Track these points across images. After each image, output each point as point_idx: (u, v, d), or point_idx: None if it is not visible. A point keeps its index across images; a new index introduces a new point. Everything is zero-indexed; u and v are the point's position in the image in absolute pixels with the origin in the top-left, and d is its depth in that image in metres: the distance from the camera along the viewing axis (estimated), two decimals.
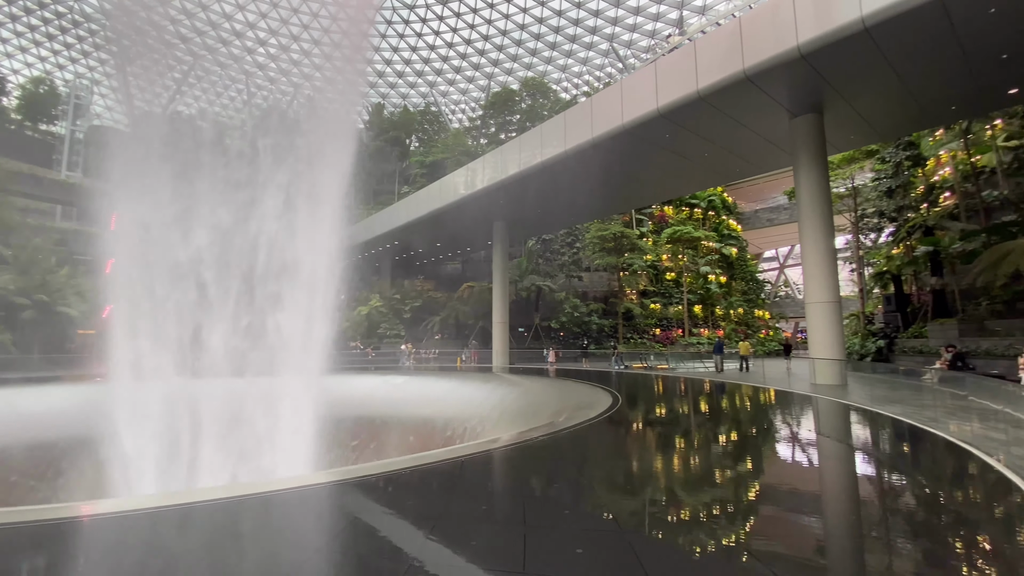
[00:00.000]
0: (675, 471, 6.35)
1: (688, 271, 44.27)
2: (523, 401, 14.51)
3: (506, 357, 30.53)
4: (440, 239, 37.42)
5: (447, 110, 72.95)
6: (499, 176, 24.73)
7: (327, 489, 5.02)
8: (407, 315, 43.47)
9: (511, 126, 56.12)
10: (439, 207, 29.70)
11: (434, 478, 5.46)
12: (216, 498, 4.61)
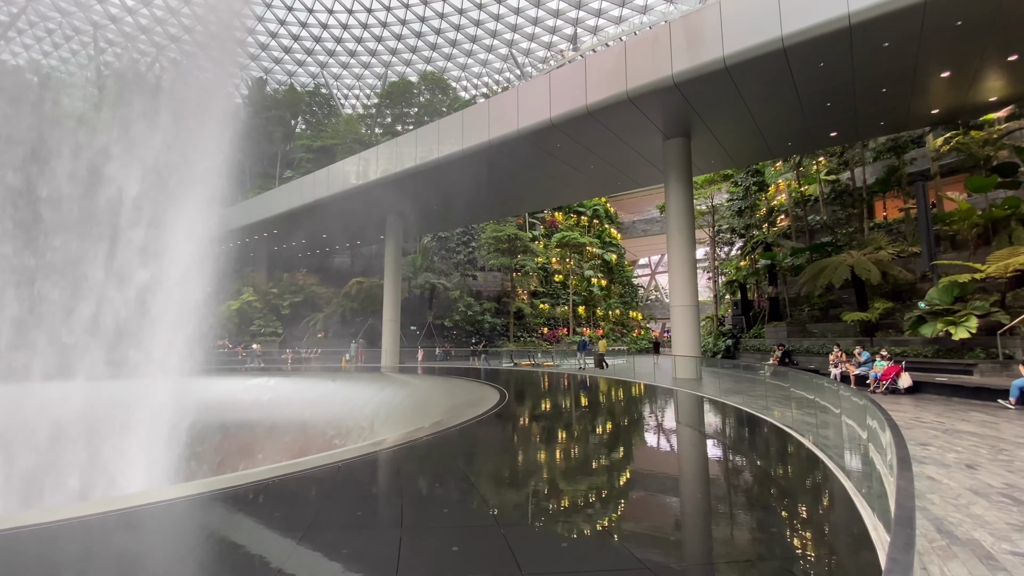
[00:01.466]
0: (555, 462, 6.71)
1: (574, 274, 46.90)
2: (412, 400, 14.25)
3: (396, 356, 29.70)
4: (327, 230, 35.15)
5: (339, 94, 68.88)
6: (394, 168, 23.98)
7: (183, 504, 4.47)
8: (285, 311, 40.22)
9: (408, 118, 54.69)
10: (327, 195, 27.93)
11: (309, 485, 5.14)
12: (43, 521, 3.86)
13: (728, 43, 13.74)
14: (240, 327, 38.14)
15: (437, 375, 20.30)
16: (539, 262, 46.03)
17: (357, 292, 39.30)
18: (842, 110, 16.73)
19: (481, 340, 37.55)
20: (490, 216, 36.43)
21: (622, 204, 60.07)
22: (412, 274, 41.05)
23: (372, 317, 38.84)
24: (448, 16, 58.50)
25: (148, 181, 12.85)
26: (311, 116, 59.98)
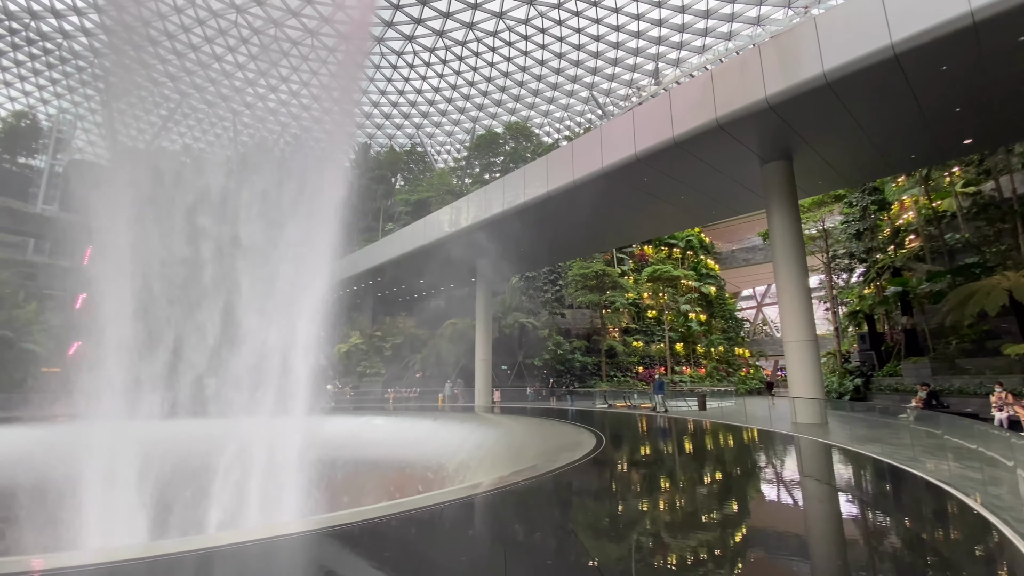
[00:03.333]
0: (661, 514, 6.24)
1: (669, 309, 44.87)
2: (505, 443, 14.23)
3: (489, 396, 30.08)
4: (424, 276, 37.42)
5: (432, 151, 74.60)
6: (483, 215, 25.11)
7: (301, 540, 4.79)
8: (388, 353, 42.79)
9: (495, 167, 57.48)
10: (423, 244, 29.88)
11: (412, 526, 5.26)
12: (182, 551, 4.35)
13: (828, 58, 12.88)
14: (348, 368, 41.18)
15: (528, 416, 20.14)
16: (630, 298, 44.79)
17: (451, 333, 40.85)
18: (975, 114, 14.71)
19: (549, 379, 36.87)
20: (576, 254, 36.47)
21: (719, 233, 57.12)
22: (502, 314, 41.90)
23: (466, 357, 39.96)
24: (530, 68, 61.60)
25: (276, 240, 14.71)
26: (408, 172, 65.39)
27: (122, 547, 7.58)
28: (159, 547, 4.62)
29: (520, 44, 58.13)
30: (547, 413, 20.92)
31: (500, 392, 31.21)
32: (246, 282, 15.06)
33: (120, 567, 4.00)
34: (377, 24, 57.28)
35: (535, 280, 42.88)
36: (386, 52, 63.80)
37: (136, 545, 7.49)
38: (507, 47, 58.84)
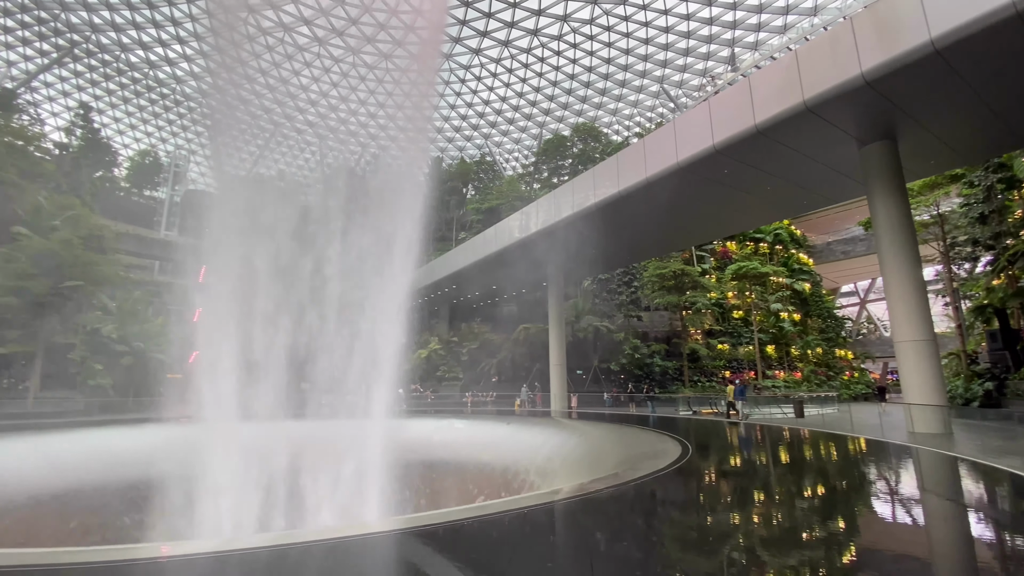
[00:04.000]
0: (757, 530, 5.81)
1: (757, 309, 41.97)
2: (584, 449, 14.02)
3: (564, 401, 29.86)
4: (496, 282, 38.09)
5: (501, 159, 75.93)
6: (553, 219, 25.08)
7: (391, 538, 5.01)
8: (464, 357, 43.93)
9: (563, 170, 57.30)
10: (494, 251, 30.42)
11: (496, 530, 5.32)
12: (284, 543, 4.74)
13: (936, 23, 11.44)
14: (428, 372, 42.82)
15: (607, 422, 19.69)
16: (712, 298, 42.50)
17: (525, 338, 41.13)
18: None
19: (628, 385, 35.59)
20: (651, 254, 35.29)
21: (811, 225, 52.65)
22: (575, 318, 41.47)
23: (540, 362, 40.00)
24: (596, 68, 60.82)
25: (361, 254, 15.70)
26: (479, 182, 67.03)
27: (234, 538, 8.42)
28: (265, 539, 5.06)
29: (585, 44, 57.62)
30: (626, 419, 20.35)
31: (577, 397, 30.86)
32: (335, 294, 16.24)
33: (224, 556, 4.42)
34: (445, 41, 59.50)
35: (608, 282, 42.01)
36: (454, 67, 66.04)
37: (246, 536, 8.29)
38: (572, 49, 58.58)
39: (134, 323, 33.16)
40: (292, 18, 57.41)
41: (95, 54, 59.36)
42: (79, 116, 56.44)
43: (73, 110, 58.35)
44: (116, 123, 66.42)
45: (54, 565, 4.24)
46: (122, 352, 31.40)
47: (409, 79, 65.37)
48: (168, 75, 65.45)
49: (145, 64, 63.04)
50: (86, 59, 59.44)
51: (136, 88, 65.44)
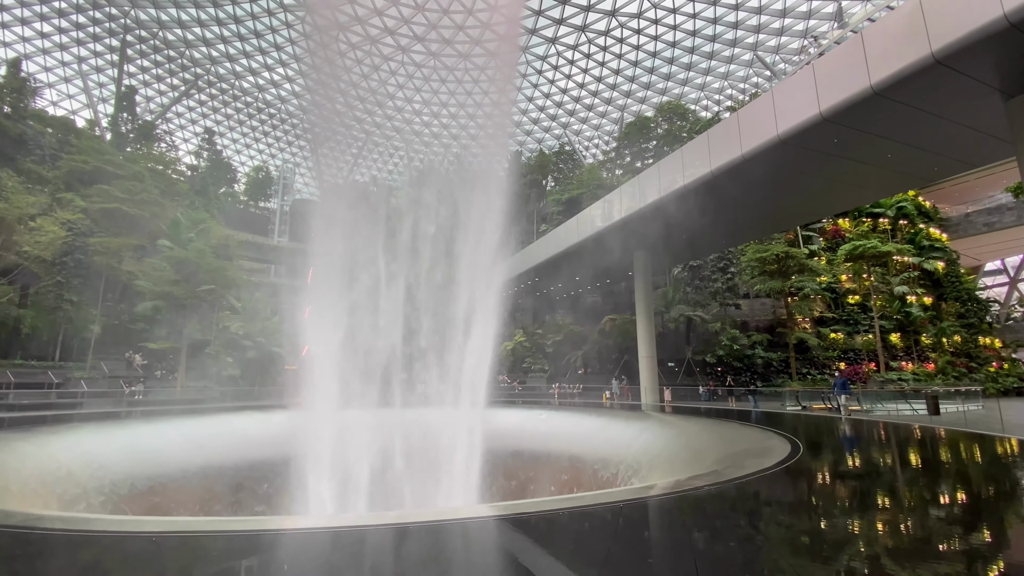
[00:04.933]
0: (880, 536, 5.13)
1: (877, 293, 37.38)
2: (680, 444, 13.39)
3: (656, 394, 28.80)
4: (579, 273, 37.56)
5: (581, 147, 74.60)
6: (637, 205, 24.15)
7: (487, 524, 5.12)
8: (549, 349, 44.03)
9: (647, 154, 54.96)
10: (577, 241, 29.99)
11: (588, 522, 5.22)
12: (388, 523, 5.03)
13: None
14: (514, 365, 43.54)
15: (703, 417, 18.65)
16: (823, 282, 38.55)
17: (611, 329, 40.23)
18: None
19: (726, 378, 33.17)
20: (750, 236, 32.73)
21: (944, 195, 45.76)
22: (665, 308, 39.76)
23: (627, 353, 38.93)
24: (681, 43, 57.40)
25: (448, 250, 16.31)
26: (558, 173, 66.43)
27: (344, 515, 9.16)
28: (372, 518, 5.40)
29: (668, 19, 54.61)
30: (725, 414, 19.14)
31: (670, 391, 29.60)
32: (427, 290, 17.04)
33: (337, 532, 4.77)
34: (521, 33, 59.52)
35: (701, 269, 39.64)
36: (531, 59, 65.94)
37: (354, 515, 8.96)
38: (653, 25, 55.81)
39: (256, 321, 37.32)
40: (377, 30, 60.72)
41: (215, 84, 67.32)
42: (205, 140, 64.40)
43: (200, 135, 66.66)
44: (234, 144, 74.85)
45: (199, 532, 4.86)
46: (247, 347, 35.50)
47: (487, 76, 66.48)
48: (274, 96, 72.48)
49: (255, 88, 70.33)
50: (208, 89, 67.61)
51: (248, 111, 73.30)
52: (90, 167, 37.54)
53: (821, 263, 39.67)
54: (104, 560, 4.25)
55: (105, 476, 12.04)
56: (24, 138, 41.75)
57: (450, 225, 16.79)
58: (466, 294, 14.59)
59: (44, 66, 53.94)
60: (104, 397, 28.30)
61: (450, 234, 16.72)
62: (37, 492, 9.69)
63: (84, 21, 53.64)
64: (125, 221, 35.00)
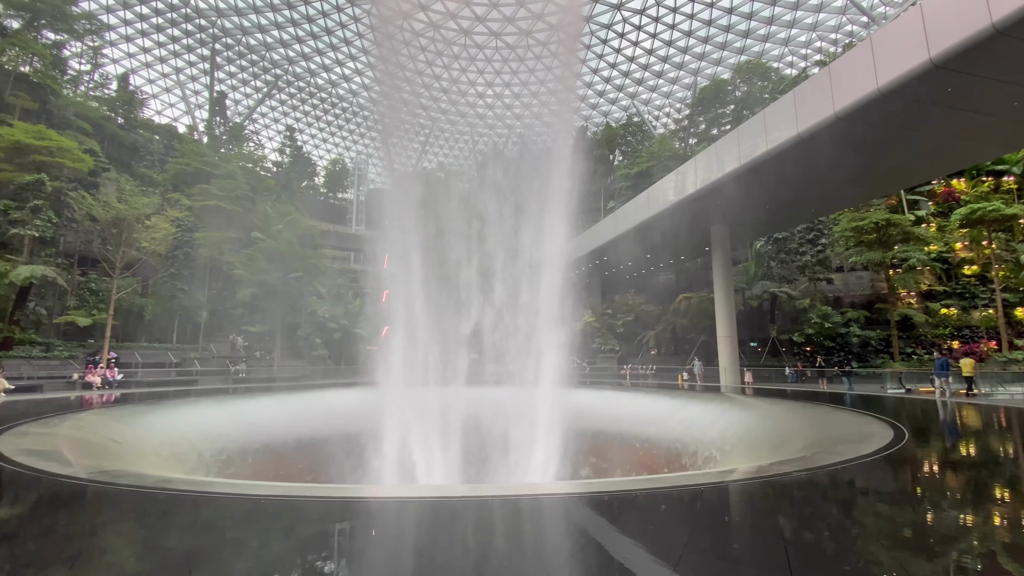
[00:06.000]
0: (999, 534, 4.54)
1: (1000, 262, 32.75)
2: (764, 427, 12.67)
3: (736, 375, 27.40)
4: (650, 250, 36.23)
5: (650, 118, 71.21)
6: (714, 175, 22.71)
7: (563, 500, 5.16)
8: (620, 330, 43.19)
9: (724, 119, 51.40)
10: (647, 217, 28.86)
11: (666, 504, 5.10)
12: (467, 495, 5.21)
13: None
14: (584, 345, 43.23)
15: (790, 400, 17.47)
16: (932, 251, 34.42)
17: (686, 308, 38.65)
18: None
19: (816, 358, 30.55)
20: (844, 204, 29.73)
21: None
22: (746, 284, 37.47)
23: (704, 333, 37.29)
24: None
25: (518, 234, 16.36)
26: (626, 146, 63.99)
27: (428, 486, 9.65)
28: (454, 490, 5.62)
29: None
30: (815, 397, 17.84)
31: (752, 372, 28.02)
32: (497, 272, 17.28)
33: (422, 501, 5.01)
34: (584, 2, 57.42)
35: (787, 242, 36.74)
36: (594, 28, 63.50)
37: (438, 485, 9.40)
38: None
39: (340, 305, 39.91)
40: (439, 15, 61.20)
41: (293, 83, 71.50)
42: (287, 137, 68.83)
43: (282, 133, 71.36)
44: (312, 139, 79.43)
45: (300, 496, 5.32)
46: (333, 329, 38.14)
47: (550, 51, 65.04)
48: (346, 90, 75.74)
49: (328, 84, 73.85)
50: (287, 88, 71.98)
51: (324, 107, 77.30)
52: (191, 168, 41.61)
53: (930, 230, 35.38)
54: (221, 518, 4.79)
55: (218, 444, 13.55)
56: (136, 146, 47.01)
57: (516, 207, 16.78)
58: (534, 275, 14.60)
59: (148, 78, 60.02)
60: (214, 375, 31.73)
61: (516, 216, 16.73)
62: (164, 457, 11.12)
63: (179, 34, 58.88)
64: (223, 216, 38.54)
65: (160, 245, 30.30)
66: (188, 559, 3.57)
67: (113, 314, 28.02)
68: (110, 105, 48.56)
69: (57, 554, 3.62)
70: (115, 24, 53.41)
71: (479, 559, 3.71)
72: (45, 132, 27.86)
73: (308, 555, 3.82)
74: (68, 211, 29.64)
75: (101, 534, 4.24)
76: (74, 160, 28.85)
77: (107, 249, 29.06)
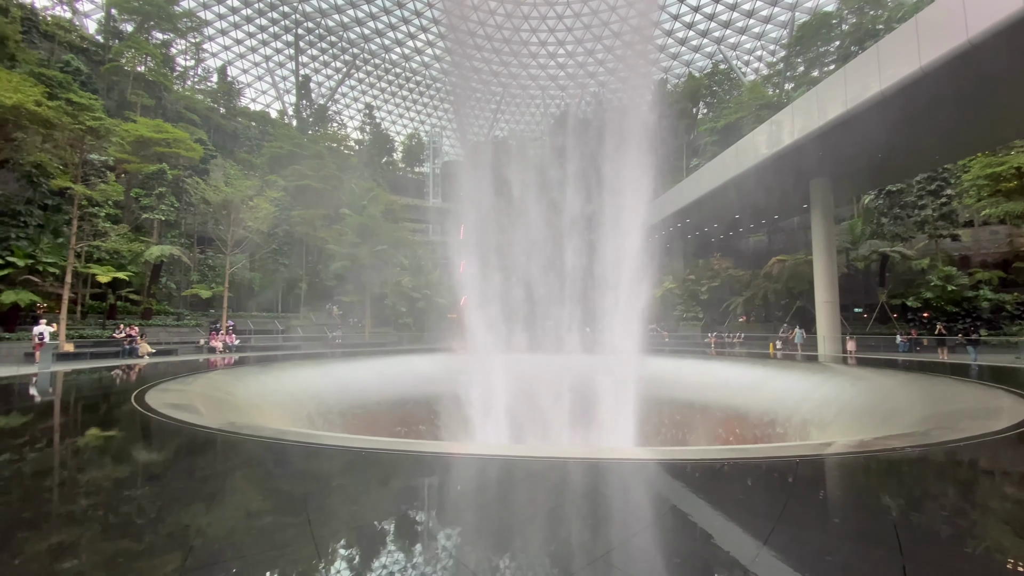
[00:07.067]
0: None
1: None
2: (868, 400, 11.60)
3: (837, 343, 25.18)
4: (739, 210, 33.68)
5: (739, 64, 64.99)
6: (815, 123, 20.40)
7: (645, 466, 5.10)
8: (704, 296, 41.11)
9: (827, 59, 45.65)
10: (736, 174, 26.72)
11: (756, 475, 4.87)
12: (548, 455, 5.33)
13: None
14: (664, 312, 41.78)
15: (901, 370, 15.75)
16: None
17: (779, 272, 35.82)
18: None
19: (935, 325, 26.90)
20: (976, 148, 25.54)
21: None
22: (851, 244, 33.87)
23: (801, 298, 34.49)
24: None
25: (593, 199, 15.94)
26: (712, 97, 59.16)
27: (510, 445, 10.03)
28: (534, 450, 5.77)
29: None
30: (932, 368, 15.96)
31: (855, 341, 25.59)
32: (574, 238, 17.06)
33: (508, 459, 5.20)
34: None
35: (903, 194, 32.47)
36: None
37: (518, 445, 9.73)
38: None
39: (421, 275, 41.75)
40: None
41: (369, 61, 73.59)
42: (366, 115, 71.53)
43: (361, 111, 74.22)
44: (389, 115, 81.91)
45: (394, 450, 5.75)
46: (416, 298, 40.10)
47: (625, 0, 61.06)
48: (419, 63, 76.72)
49: (402, 59, 75.16)
50: (364, 67, 74.28)
51: (398, 82, 79.06)
52: (284, 151, 44.77)
53: None
54: (326, 467, 5.32)
55: (321, 401, 14.98)
56: (236, 133, 51.30)
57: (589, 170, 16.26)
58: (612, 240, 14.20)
59: (241, 68, 64.74)
60: (314, 340, 34.82)
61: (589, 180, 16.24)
62: (276, 413, 12.50)
63: (266, 23, 62.55)
64: (314, 195, 41.31)
65: (262, 223, 33.27)
66: (301, 502, 4.01)
67: (228, 287, 31.46)
68: (213, 97, 53.17)
69: (197, 492, 4.22)
70: (211, 19, 57.84)
71: (559, 518, 3.80)
72: (163, 125, 31.20)
73: (402, 503, 4.14)
74: (186, 196, 33.31)
75: (230, 477, 4.88)
76: (187, 150, 32.14)
77: (219, 229, 32.42)
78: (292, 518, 3.63)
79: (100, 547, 3.08)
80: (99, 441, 6.41)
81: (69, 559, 2.85)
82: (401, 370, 20.52)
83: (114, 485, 4.50)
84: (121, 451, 5.99)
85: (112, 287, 28.13)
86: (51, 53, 35.12)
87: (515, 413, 14.31)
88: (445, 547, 3.27)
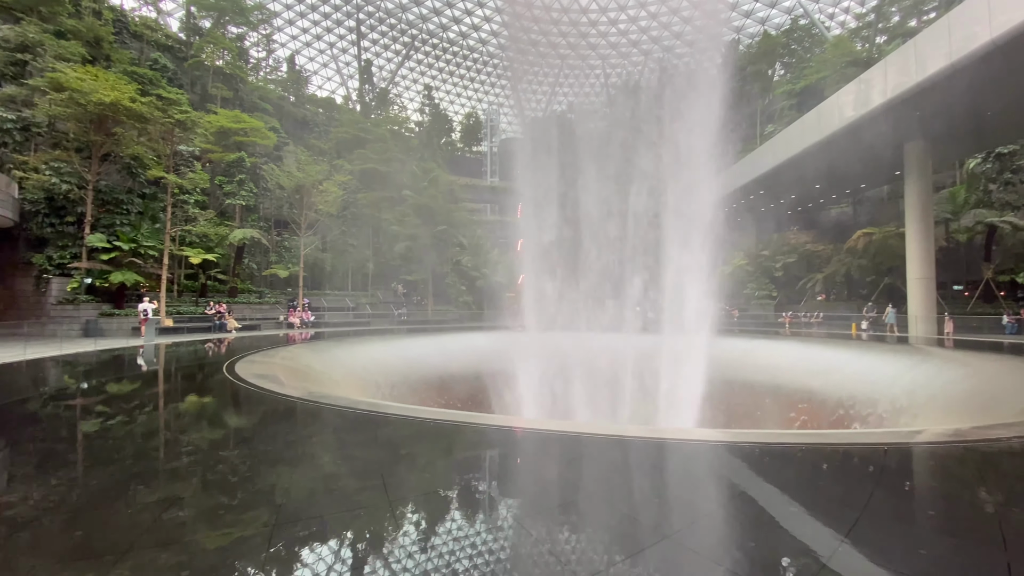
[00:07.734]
0: None
1: None
2: (967, 385, 10.52)
3: (931, 324, 22.92)
4: (820, 179, 31.03)
5: (822, 17, 59.03)
6: (911, 80, 18.25)
7: (713, 448, 4.97)
8: (778, 273, 38.66)
9: (926, 6, 40.38)
10: (817, 140, 24.57)
11: (835, 462, 4.59)
12: (612, 433, 5.31)
13: None
14: (734, 290, 39.78)
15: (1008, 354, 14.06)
16: None
17: (865, 247, 32.89)
18: None
19: None
20: None
21: None
22: (951, 214, 30.40)
23: (890, 275, 31.58)
24: None
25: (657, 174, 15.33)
26: (789, 57, 54.34)
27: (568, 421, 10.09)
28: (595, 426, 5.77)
29: None
30: None
31: (954, 321, 23.15)
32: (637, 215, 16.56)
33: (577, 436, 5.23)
34: None
35: (1016, 157, 28.54)
36: None
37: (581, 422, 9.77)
38: None
39: (480, 255, 42.35)
40: None
41: (427, 41, 74.03)
42: (425, 97, 72.37)
43: (421, 93, 75.13)
44: (447, 95, 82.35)
45: (458, 422, 5.95)
46: (475, 277, 40.81)
47: None
48: (476, 40, 76.19)
49: (459, 36, 74.95)
50: (422, 48, 74.86)
51: (456, 60, 79.07)
52: (349, 136, 46.41)
53: None
54: (395, 436, 5.61)
55: (389, 373, 15.76)
56: (305, 119, 53.67)
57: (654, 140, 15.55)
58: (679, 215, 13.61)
59: (308, 56, 67.28)
60: (381, 317, 36.51)
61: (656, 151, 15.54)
62: (350, 383, 13.30)
63: (329, 10, 64.38)
64: (378, 177, 42.69)
65: (332, 206, 34.89)
66: (372, 468, 4.26)
67: (303, 267, 33.51)
68: (283, 85, 55.85)
69: (281, 455, 4.60)
70: (279, 10, 60.37)
71: (624, 494, 3.79)
72: (240, 116, 33.28)
73: (466, 473, 4.30)
74: (263, 182, 35.56)
75: (309, 442, 5.28)
76: (263, 138, 34.15)
77: (293, 212, 34.43)
78: (368, 482, 3.88)
79: (200, 501, 3.46)
80: (197, 407, 7.13)
81: (175, 510, 3.21)
82: (462, 346, 21.07)
83: (210, 446, 5.01)
84: (216, 416, 6.64)
85: (203, 268, 30.87)
86: (140, 52, 38.22)
87: (572, 391, 14.33)
88: (510, 517, 3.37)
